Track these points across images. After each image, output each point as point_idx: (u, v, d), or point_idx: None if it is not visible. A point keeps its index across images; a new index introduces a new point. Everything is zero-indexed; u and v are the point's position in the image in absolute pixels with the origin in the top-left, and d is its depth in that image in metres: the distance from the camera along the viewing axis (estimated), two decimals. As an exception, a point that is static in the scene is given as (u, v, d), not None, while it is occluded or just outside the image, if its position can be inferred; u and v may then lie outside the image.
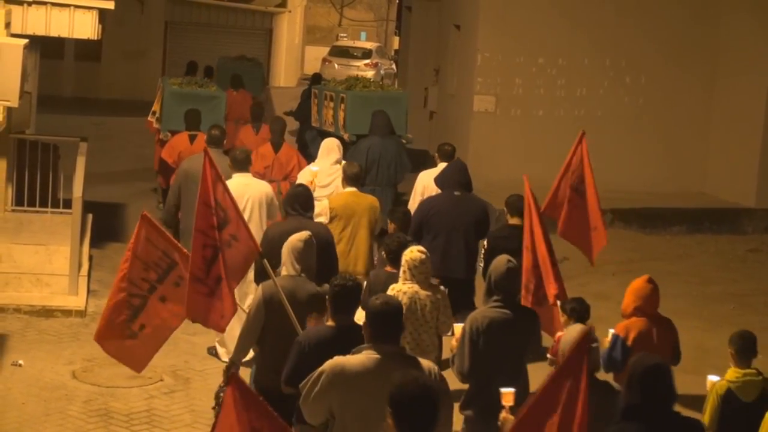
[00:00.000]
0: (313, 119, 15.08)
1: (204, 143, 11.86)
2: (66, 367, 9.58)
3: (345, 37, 47.15)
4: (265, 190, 10.05)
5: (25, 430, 8.27)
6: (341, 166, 10.69)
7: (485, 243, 9.62)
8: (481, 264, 9.78)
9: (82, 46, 26.09)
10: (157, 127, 14.57)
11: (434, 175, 10.86)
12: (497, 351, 6.88)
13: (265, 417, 4.59)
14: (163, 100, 14.16)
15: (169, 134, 13.61)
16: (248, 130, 14.64)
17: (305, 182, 10.12)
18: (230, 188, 9.31)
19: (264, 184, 10.31)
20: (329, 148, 11.51)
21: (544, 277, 7.69)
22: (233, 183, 9.53)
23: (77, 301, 11.16)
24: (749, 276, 14.29)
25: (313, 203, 9.15)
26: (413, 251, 7.63)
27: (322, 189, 10.78)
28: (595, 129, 17.52)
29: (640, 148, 17.67)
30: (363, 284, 9.34)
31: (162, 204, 14.00)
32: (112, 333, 7.26)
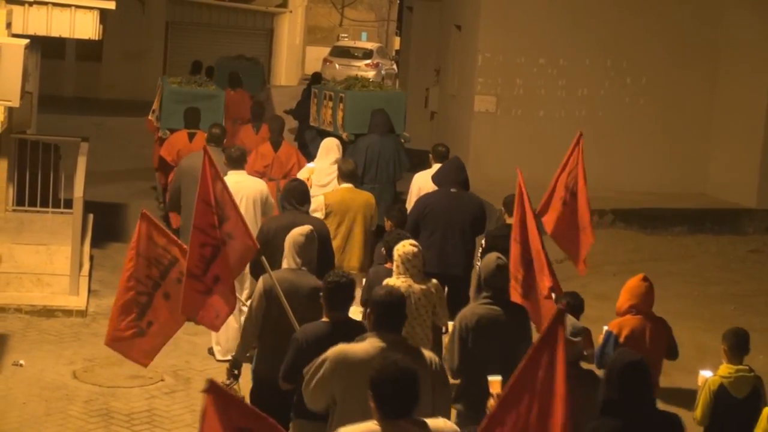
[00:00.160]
0: (311, 118, 15.10)
1: (203, 141, 12.01)
2: (67, 367, 9.58)
3: (346, 37, 47.16)
4: (259, 187, 10.09)
5: (25, 430, 8.27)
6: None
7: (483, 242, 9.63)
8: (478, 262, 9.78)
9: (83, 46, 26.09)
10: (156, 125, 14.62)
11: (428, 177, 10.88)
12: (487, 347, 6.90)
13: (249, 417, 4.61)
14: (162, 98, 14.21)
15: (168, 132, 13.66)
16: (248, 129, 14.68)
17: (302, 178, 10.17)
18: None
19: (259, 181, 10.35)
20: (328, 148, 11.56)
21: (538, 271, 7.74)
22: (228, 181, 9.54)
23: (78, 301, 11.16)
24: (750, 276, 14.28)
25: (310, 198, 9.20)
26: (405, 245, 7.67)
27: (321, 188, 10.79)
28: (596, 129, 17.55)
29: (641, 148, 17.68)
30: (357, 280, 9.48)
31: (162, 204, 14.06)
32: (122, 333, 7.29)
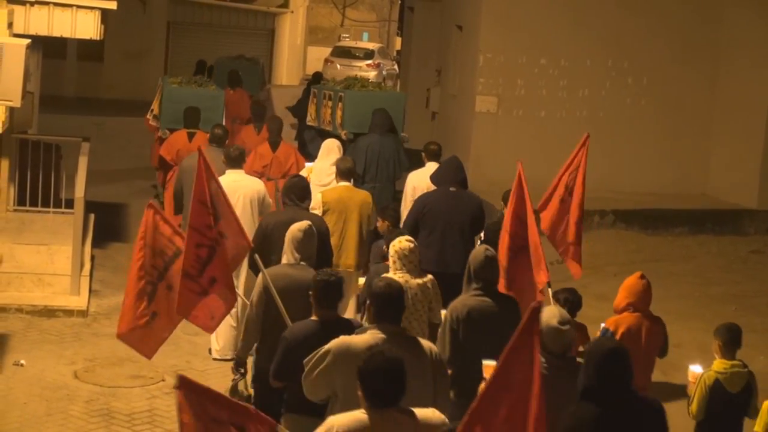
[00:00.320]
0: (309, 118, 15.14)
1: (202, 141, 12.12)
2: (68, 367, 9.58)
3: (347, 37, 47.13)
4: (257, 187, 10.12)
5: (26, 430, 8.28)
6: None
7: (482, 235, 9.67)
8: None
9: (85, 46, 26.09)
10: (153, 124, 14.72)
11: (423, 175, 10.97)
12: (477, 338, 6.93)
13: (224, 407, 4.65)
14: (162, 98, 14.27)
15: (168, 132, 13.73)
16: (250, 129, 14.70)
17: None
18: (223, 185, 9.48)
19: (257, 181, 10.38)
20: (329, 149, 11.60)
21: (535, 265, 7.86)
22: (226, 180, 9.65)
23: (79, 301, 11.16)
24: (751, 277, 14.28)
25: (310, 194, 9.26)
26: (401, 241, 7.72)
27: (321, 188, 10.80)
28: (597, 130, 17.50)
29: (642, 149, 17.67)
30: (354, 278, 9.55)
31: (161, 201, 14.13)
32: (137, 322, 7.32)
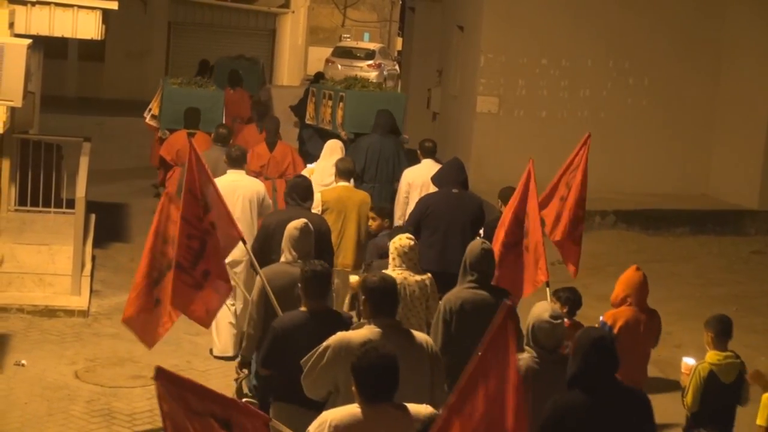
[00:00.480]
0: (308, 117, 15.17)
1: (202, 141, 12.34)
2: (69, 367, 9.57)
3: (348, 37, 47.13)
4: (256, 188, 10.16)
5: (27, 430, 8.27)
6: None
7: (482, 231, 9.73)
8: None
9: (86, 47, 26.07)
10: (151, 124, 14.84)
11: (418, 172, 11.16)
12: (469, 330, 6.97)
13: (206, 399, 4.66)
14: (162, 98, 14.34)
15: (168, 132, 13.82)
16: (252, 128, 14.76)
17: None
18: (223, 185, 9.59)
19: (256, 182, 10.43)
20: (332, 149, 11.66)
21: (533, 263, 7.94)
22: (226, 180, 9.86)
23: (80, 301, 11.16)
24: (752, 278, 14.27)
25: (313, 194, 9.35)
26: (401, 239, 7.82)
27: (324, 188, 10.85)
28: (598, 130, 17.47)
29: (644, 149, 17.67)
30: (351, 278, 9.60)
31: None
32: (140, 308, 7.34)
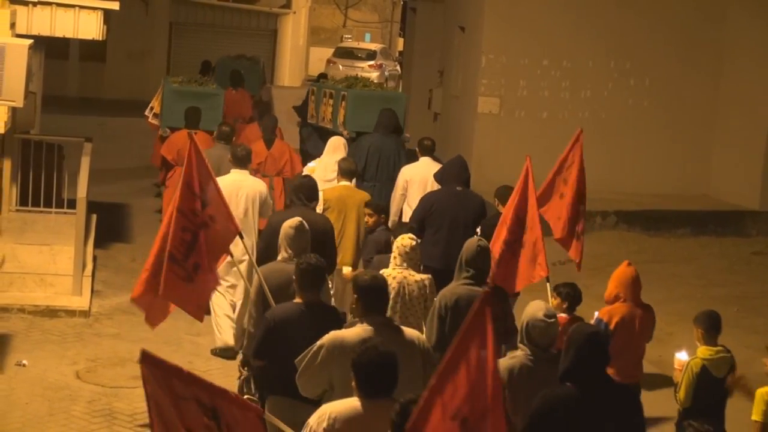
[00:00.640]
0: (309, 116, 15.22)
1: (203, 140, 12.33)
2: (70, 367, 9.58)
3: (349, 38, 47.15)
4: (260, 188, 10.27)
5: (28, 430, 8.27)
6: None
7: (479, 230, 9.80)
8: None
9: (87, 47, 26.11)
10: (154, 122, 14.92)
11: (416, 170, 11.31)
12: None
13: (190, 384, 4.68)
14: (163, 97, 14.43)
15: (169, 131, 13.90)
16: (254, 128, 14.82)
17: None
18: (226, 184, 9.68)
19: (259, 182, 10.54)
20: (335, 147, 11.78)
21: (532, 258, 8.10)
22: (229, 179, 10.00)
23: (81, 302, 11.16)
24: (753, 278, 14.27)
25: (318, 194, 9.47)
26: (404, 238, 7.96)
27: (326, 183, 11.01)
28: (599, 131, 17.53)
29: (644, 150, 17.67)
30: (343, 270, 9.70)
31: (161, 198, 14.31)
32: (149, 287, 7.35)
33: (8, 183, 12.45)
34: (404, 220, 10.75)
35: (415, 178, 11.19)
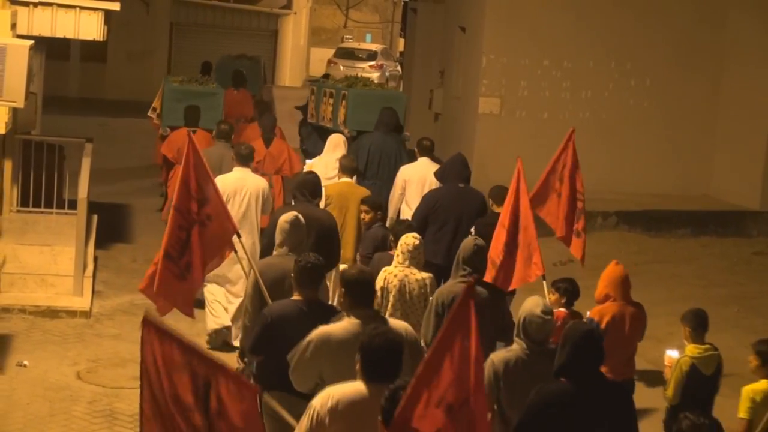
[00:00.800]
0: (309, 115, 15.27)
1: (202, 139, 12.59)
2: (71, 367, 9.59)
3: (350, 38, 47.10)
4: (262, 185, 10.38)
5: (29, 431, 8.29)
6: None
7: (473, 230, 9.84)
8: None
9: (88, 47, 26.11)
10: (157, 123, 14.97)
11: (414, 169, 11.42)
12: None
13: (191, 355, 4.73)
14: (163, 96, 14.53)
15: (169, 130, 13.99)
16: (255, 127, 14.84)
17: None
18: (229, 181, 9.78)
19: (261, 179, 10.63)
20: (335, 144, 11.94)
21: (527, 258, 8.31)
22: (232, 177, 10.17)
23: (82, 302, 11.17)
24: (754, 279, 14.28)
25: (321, 191, 9.57)
26: (409, 237, 8.12)
27: (327, 181, 11.06)
28: (600, 131, 17.54)
29: (645, 150, 17.66)
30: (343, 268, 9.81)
31: (164, 197, 14.34)
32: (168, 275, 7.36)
33: (9, 183, 12.46)
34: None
35: (413, 177, 11.29)
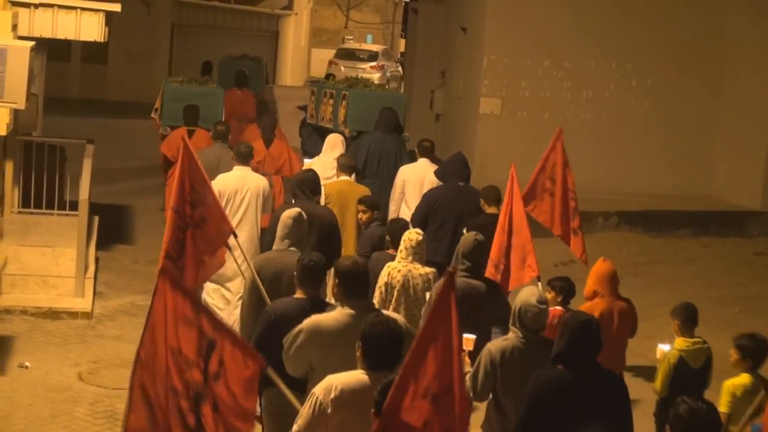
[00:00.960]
0: (309, 115, 15.29)
1: (202, 138, 12.73)
2: (72, 368, 9.59)
3: (351, 39, 47.07)
4: (262, 184, 10.41)
5: (31, 432, 8.30)
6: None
7: (465, 230, 9.89)
8: None
9: (89, 49, 26.13)
10: (158, 123, 14.94)
11: (414, 169, 11.51)
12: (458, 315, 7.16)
13: (201, 313, 4.82)
14: (163, 97, 14.56)
15: (169, 129, 14.01)
16: (254, 128, 14.86)
17: None
18: (230, 180, 9.79)
19: (261, 178, 10.67)
20: (333, 144, 12.00)
21: (521, 260, 8.39)
22: (233, 175, 10.21)
23: (83, 303, 11.17)
24: (755, 279, 14.27)
25: (320, 188, 9.65)
26: (412, 232, 8.29)
27: (325, 181, 11.07)
28: (601, 131, 17.55)
29: (646, 150, 17.66)
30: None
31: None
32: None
33: (10, 185, 12.46)
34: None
35: (412, 177, 11.36)
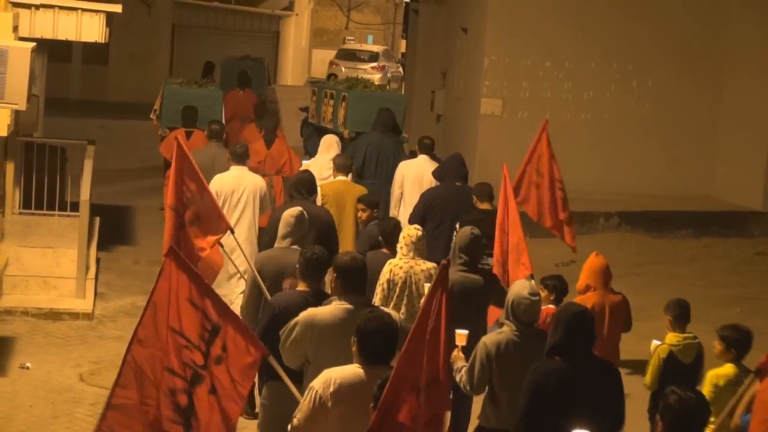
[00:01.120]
0: (309, 116, 15.34)
1: (201, 139, 12.77)
2: (73, 369, 9.60)
3: (352, 40, 47.07)
4: (259, 183, 10.44)
5: (32, 433, 8.30)
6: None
7: (458, 226, 9.93)
8: None
9: (90, 50, 26.15)
10: (157, 124, 14.97)
11: (412, 165, 11.62)
12: (455, 310, 7.14)
13: (206, 297, 4.91)
14: (162, 98, 14.58)
15: (168, 131, 14.01)
16: (252, 128, 14.91)
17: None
18: (228, 180, 9.77)
19: (258, 177, 10.70)
20: (329, 145, 12.05)
21: (516, 260, 8.49)
22: (230, 175, 10.24)
23: (84, 304, 11.18)
24: (756, 279, 14.27)
25: (317, 188, 9.69)
26: (410, 229, 8.29)
27: (321, 181, 11.09)
28: (601, 132, 17.55)
29: (647, 151, 17.66)
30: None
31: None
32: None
33: (11, 186, 12.47)
34: (400, 217, 10.84)
35: (410, 174, 11.43)
